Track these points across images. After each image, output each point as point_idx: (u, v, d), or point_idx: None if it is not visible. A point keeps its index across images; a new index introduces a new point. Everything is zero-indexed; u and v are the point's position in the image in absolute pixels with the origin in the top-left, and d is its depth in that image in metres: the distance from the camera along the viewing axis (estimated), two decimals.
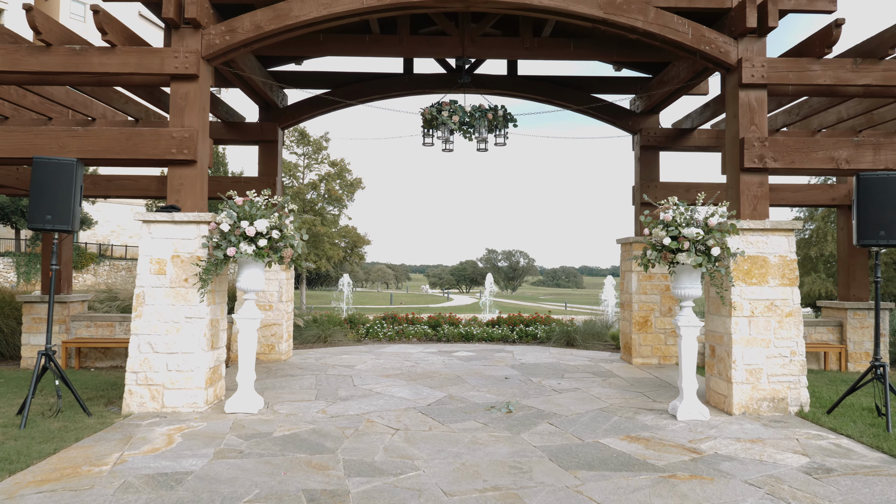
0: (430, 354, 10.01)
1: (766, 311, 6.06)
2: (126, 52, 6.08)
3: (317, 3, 6.17)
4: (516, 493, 3.89)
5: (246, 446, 4.79)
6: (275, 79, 9.34)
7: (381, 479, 4.11)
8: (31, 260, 36.05)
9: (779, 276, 6.09)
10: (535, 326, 12.32)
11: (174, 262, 5.94)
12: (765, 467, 4.43)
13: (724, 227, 5.66)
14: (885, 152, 6.27)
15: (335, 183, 31.77)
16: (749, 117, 6.25)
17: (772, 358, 6.03)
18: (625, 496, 3.85)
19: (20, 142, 6.06)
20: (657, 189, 9.32)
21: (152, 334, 5.86)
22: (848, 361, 9.17)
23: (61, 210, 5.52)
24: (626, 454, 4.72)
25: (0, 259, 35.37)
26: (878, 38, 6.18)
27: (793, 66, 6.24)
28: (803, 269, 26.70)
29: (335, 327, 11.92)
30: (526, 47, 8.12)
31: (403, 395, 6.80)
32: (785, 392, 6.03)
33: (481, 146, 7.97)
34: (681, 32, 6.28)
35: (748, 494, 3.89)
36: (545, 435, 5.24)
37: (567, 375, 8.13)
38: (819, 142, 6.30)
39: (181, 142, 6.02)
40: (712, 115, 9.01)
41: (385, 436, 5.16)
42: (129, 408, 5.82)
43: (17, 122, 8.75)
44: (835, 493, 3.92)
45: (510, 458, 4.61)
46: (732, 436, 5.24)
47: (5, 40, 6.23)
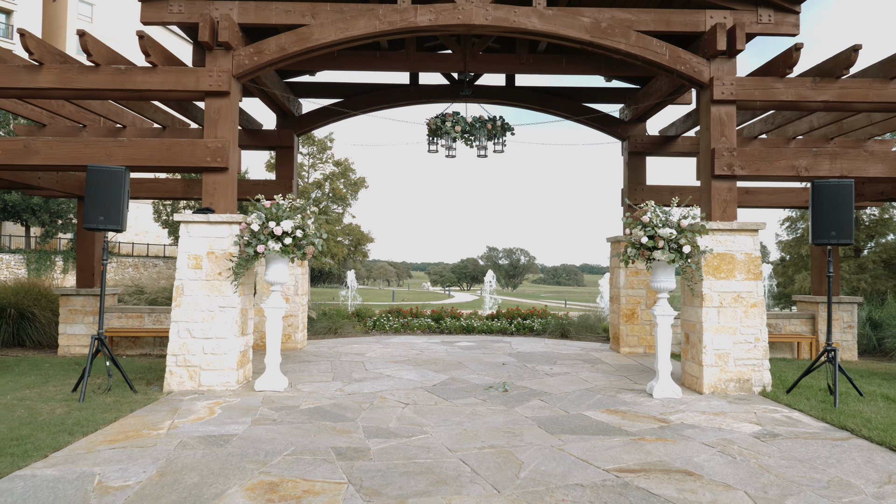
0: (433, 344, 10.80)
1: (734, 302, 6.83)
2: (166, 71, 6.85)
3: (334, 28, 6.94)
4: (509, 450, 4.67)
5: (278, 416, 5.58)
6: (290, 89, 10.10)
7: (395, 440, 4.89)
8: (41, 257, 36.87)
9: (745, 271, 6.86)
10: (532, 320, 13.09)
11: (209, 257, 6.72)
12: (721, 433, 5.20)
13: (694, 228, 6.43)
14: (841, 161, 7.03)
15: (339, 182, 32.53)
16: (720, 130, 7.01)
17: (738, 344, 6.80)
18: (599, 452, 4.63)
19: (73, 151, 6.83)
20: (644, 192, 10.09)
21: (190, 321, 6.64)
22: (819, 351, 9.93)
23: (112, 212, 6.29)
24: (605, 423, 5.50)
25: (11, 255, 36.14)
26: (834, 60, 6.93)
27: (758, 85, 7.00)
28: (795, 266, 27.49)
29: (344, 320, 12.70)
30: (522, 63, 8.88)
31: (411, 377, 7.58)
32: (749, 374, 6.80)
33: (481, 153, 8.74)
34: (659, 54, 7.04)
35: (702, 451, 4.67)
36: (536, 408, 6.02)
37: (559, 362, 8.91)
38: (781, 152, 7.06)
39: (215, 151, 6.80)
40: (694, 124, 9.76)
41: (396, 409, 5.94)
42: (170, 386, 6.60)
43: (54, 130, 9.50)
44: (774, 451, 4.69)
45: (504, 425, 5.39)
46: (699, 410, 6.02)
47: (56, 60, 6.99)
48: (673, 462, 4.42)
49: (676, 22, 7.15)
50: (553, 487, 3.91)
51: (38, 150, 6.82)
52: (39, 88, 6.82)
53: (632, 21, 7.11)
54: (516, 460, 4.43)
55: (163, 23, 6.98)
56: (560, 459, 4.46)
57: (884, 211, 25.67)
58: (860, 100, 7.03)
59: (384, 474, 4.10)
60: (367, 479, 4.00)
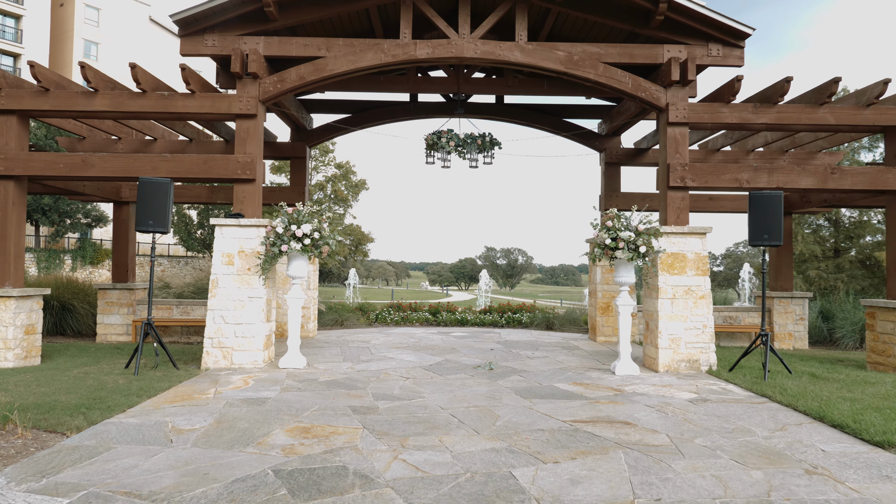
0: (430, 334, 12.00)
1: (685, 295, 8.04)
2: (202, 97, 8.05)
3: (346, 60, 8.14)
4: (489, 408, 5.88)
5: (301, 386, 6.78)
6: (303, 105, 11.30)
7: (398, 402, 6.09)
8: (51, 255, 38.03)
9: (695, 268, 8.07)
10: (521, 314, 14.30)
11: (240, 255, 7.92)
12: (663, 399, 6.41)
13: (650, 231, 7.63)
14: (777, 175, 8.25)
15: (341, 184, 33.71)
16: (675, 147, 8.22)
17: (688, 329, 8.01)
18: (561, 410, 5.83)
19: (124, 164, 8.03)
20: (618, 198, 11.30)
21: (224, 309, 7.84)
22: (774, 340, 11.16)
23: (160, 217, 7.48)
24: (570, 391, 6.70)
25: None
26: (771, 89, 8.14)
27: (707, 109, 8.21)
28: None
29: (349, 313, 13.90)
30: (509, 85, 10.09)
31: (410, 359, 8.79)
32: (698, 355, 8.01)
33: (473, 164, 9.95)
34: (623, 83, 8.25)
35: (642, 410, 5.87)
36: (514, 381, 7.23)
37: (541, 348, 10.12)
38: (727, 167, 8.28)
39: (244, 165, 7.99)
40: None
41: (399, 381, 7.15)
42: (207, 364, 7.79)
43: (92, 142, 10.66)
44: (700, 411, 5.90)
45: (487, 393, 6.59)
46: (651, 383, 7.23)
47: (108, 87, 8.17)
48: (617, 416, 5.63)
49: (639, 55, 8.36)
50: (520, 431, 5.11)
51: (94, 163, 8.01)
52: (94, 111, 8.02)
53: (600, 54, 8.32)
54: (494, 415, 5.64)
55: (199, 55, 8.17)
56: (528, 414, 5.66)
57: (862, 213, 26.90)
58: (794, 122, 8.25)
59: (390, 423, 5.30)
60: (377, 426, 5.20)
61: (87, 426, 5.00)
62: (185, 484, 3.80)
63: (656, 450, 4.63)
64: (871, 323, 8.60)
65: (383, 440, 4.80)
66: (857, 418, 5.39)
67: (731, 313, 11.29)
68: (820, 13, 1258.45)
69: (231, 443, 4.66)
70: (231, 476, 3.95)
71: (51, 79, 7.96)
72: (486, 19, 8.32)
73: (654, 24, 8.19)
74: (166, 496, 3.61)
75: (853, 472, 4.20)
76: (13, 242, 8.01)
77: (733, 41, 8.26)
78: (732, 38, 8.25)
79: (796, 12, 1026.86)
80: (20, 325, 7.92)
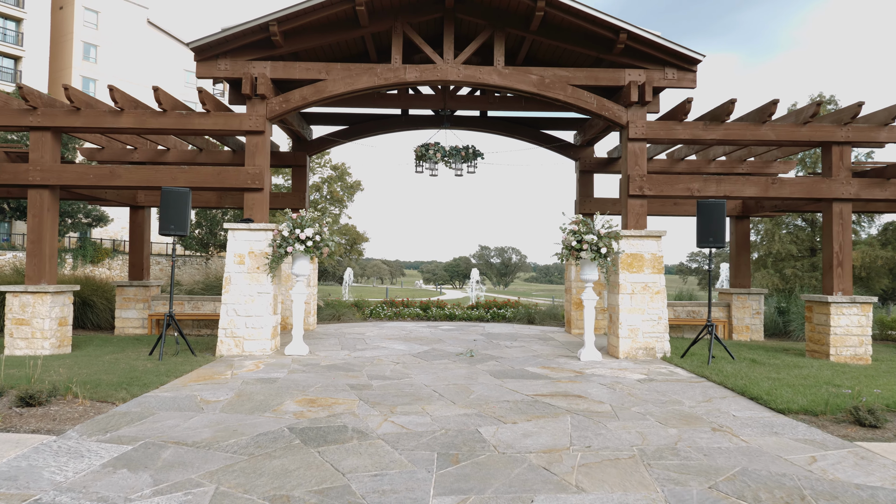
0: (420, 327, 13.07)
1: (642, 290, 9.12)
2: (216, 115, 9.08)
3: (343, 83, 9.18)
4: (466, 385, 6.94)
5: (305, 369, 7.83)
6: (304, 118, 12.33)
7: (389, 381, 7.15)
8: None
9: (651, 267, 9.16)
10: (505, 309, 15.38)
11: (250, 256, 8.95)
12: (616, 379, 7.49)
13: (611, 235, 8.71)
14: (724, 184, 9.34)
15: (336, 185, 34.70)
16: (634, 160, 9.31)
17: (645, 321, 9.10)
18: (526, 387, 6.90)
19: (147, 175, 9.05)
20: (591, 203, 12.39)
21: (236, 303, 8.88)
22: (732, 332, 12.28)
23: (180, 222, 8.51)
24: (537, 373, 7.78)
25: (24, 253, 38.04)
26: (720, 108, 9.23)
27: (663, 127, 9.30)
28: (755, 265, 29.89)
29: (345, 309, 14.94)
30: (490, 102, 11.15)
31: (401, 348, 9.85)
32: (654, 343, 9.10)
33: (458, 174, 11.01)
34: (589, 103, 9.33)
35: (595, 387, 6.95)
36: (491, 365, 8.31)
37: (519, 339, 11.20)
38: (680, 178, 9.37)
39: (254, 176, 9.03)
40: None
41: (390, 365, 8.21)
42: (221, 352, 8.83)
43: (110, 151, 11.65)
44: (644, 388, 6.98)
45: (466, 374, 7.66)
46: (609, 367, 8.32)
47: (131, 106, 9.18)
48: (573, 392, 6.71)
49: (603, 78, 9.43)
50: (489, 402, 6.18)
51: (120, 174, 9.03)
52: (120, 128, 9.03)
53: (569, 77, 9.39)
54: (469, 390, 6.72)
55: (213, 78, 9.20)
56: (498, 390, 6.74)
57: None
58: (740, 138, 9.34)
59: (382, 396, 6.37)
60: (371, 398, 6.26)
61: (131, 398, 6.05)
62: (219, 437, 4.85)
63: (598, 415, 5.72)
64: (809, 315, 9.71)
65: (376, 408, 5.86)
66: (770, 393, 6.48)
67: (695, 308, 12.39)
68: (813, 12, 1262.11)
69: (251, 410, 5.72)
70: (255, 431, 5.00)
71: (81, 99, 8.97)
72: (468, 46, 9.37)
73: (616, 52, 9.26)
74: (207, 444, 4.66)
75: (750, 429, 5.29)
76: (48, 244, 9.02)
77: (686, 66, 9.34)
78: (686, 64, 9.33)
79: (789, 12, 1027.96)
80: (55, 318, 8.94)
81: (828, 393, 6.40)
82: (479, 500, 3.63)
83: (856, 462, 4.46)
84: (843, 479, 4.10)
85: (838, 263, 9.30)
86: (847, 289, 9.25)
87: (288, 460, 4.30)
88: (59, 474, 3.96)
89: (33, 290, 8.77)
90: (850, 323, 9.10)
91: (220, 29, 8.90)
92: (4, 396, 5.68)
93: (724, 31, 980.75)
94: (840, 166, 9.34)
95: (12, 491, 3.67)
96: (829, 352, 9.11)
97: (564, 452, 4.58)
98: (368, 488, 3.79)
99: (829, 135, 9.26)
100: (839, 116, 9.23)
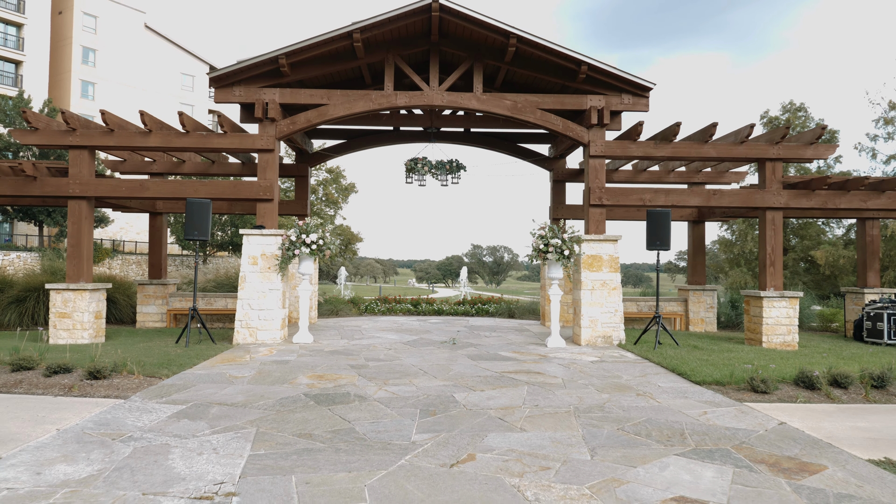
0: (411, 321, 14.50)
1: (601, 287, 10.58)
2: (232, 136, 10.46)
3: (342, 107, 10.59)
4: (447, 365, 8.38)
5: (312, 353, 9.24)
6: (305, 132, 13.72)
7: (383, 362, 8.58)
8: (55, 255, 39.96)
9: (608, 267, 10.61)
10: (489, 305, 16.83)
11: (262, 258, 10.35)
12: (573, 361, 8.94)
13: (573, 239, 10.16)
14: (672, 196, 10.81)
15: (331, 187, 36.06)
16: (594, 174, 10.76)
17: (604, 313, 10.55)
18: (497, 367, 8.34)
19: (173, 188, 10.43)
20: (564, 209, 13.84)
21: (250, 298, 10.27)
22: (689, 324, 13.77)
23: (203, 228, 9.89)
24: (508, 356, 9.23)
25: (28, 253, 39.18)
26: (668, 129, 10.69)
27: (619, 146, 10.76)
28: (730, 264, 31.51)
29: (342, 305, 16.35)
30: (472, 120, 12.59)
31: (393, 337, 11.27)
32: (611, 332, 10.56)
33: (444, 184, 12.45)
34: (556, 124, 10.78)
35: (553, 366, 8.40)
36: (469, 351, 9.75)
37: (498, 331, 12.65)
38: (634, 190, 10.83)
39: (265, 188, 10.43)
40: None
41: (383, 351, 9.64)
42: (237, 340, 10.22)
43: (132, 163, 12.99)
44: (594, 367, 8.43)
45: (448, 357, 9.10)
46: (571, 352, 9.77)
47: (158, 128, 10.54)
48: (534, 370, 8.16)
49: (568, 103, 10.88)
50: (465, 377, 7.61)
51: (149, 187, 10.41)
52: (148, 147, 10.41)
53: (539, 102, 10.83)
54: (449, 369, 8.15)
55: (229, 103, 10.58)
56: (473, 369, 8.18)
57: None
58: (686, 155, 10.82)
59: (377, 372, 7.79)
60: (368, 374, 7.68)
61: (173, 374, 7.45)
62: (251, 400, 6.26)
63: (550, 385, 7.16)
64: (747, 308, 11.20)
65: (372, 381, 7.29)
66: (694, 369, 7.95)
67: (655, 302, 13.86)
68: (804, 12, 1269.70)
69: (272, 382, 7.13)
70: (278, 396, 6.41)
71: (115, 121, 10.33)
72: (451, 75, 10.80)
73: (579, 80, 10.71)
74: (242, 404, 6.07)
75: (667, 395, 6.75)
76: (85, 248, 10.38)
77: (640, 93, 10.80)
78: (640, 91, 10.79)
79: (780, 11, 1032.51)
80: (92, 311, 10.30)
81: (738, 369, 7.88)
82: (448, 436, 5.06)
83: (735, 415, 5.92)
84: (720, 424, 5.56)
85: (770, 263, 10.79)
86: (778, 285, 10.74)
87: (306, 414, 5.72)
88: (138, 422, 5.37)
89: (74, 287, 10.13)
90: (779, 314, 10.59)
91: (235, 61, 10.29)
92: (74, 372, 7.07)
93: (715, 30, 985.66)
94: (772, 179, 10.82)
95: (108, 431, 5.08)
96: (762, 339, 10.59)
97: (517, 409, 6.02)
98: (368, 430, 5.22)
99: (762, 152, 10.74)
100: (771, 136, 10.71)
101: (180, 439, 4.88)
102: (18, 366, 7.03)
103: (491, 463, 4.41)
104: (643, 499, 3.80)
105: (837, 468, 4.43)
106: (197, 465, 4.27)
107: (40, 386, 6.62)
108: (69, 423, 5.28)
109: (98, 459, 4.37)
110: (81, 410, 5.74)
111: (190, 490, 3.83)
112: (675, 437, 5.12)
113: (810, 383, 6.99)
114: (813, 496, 3.89)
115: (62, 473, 4.09)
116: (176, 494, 3.76)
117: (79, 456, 4.44)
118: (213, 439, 4.89)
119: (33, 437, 4.90)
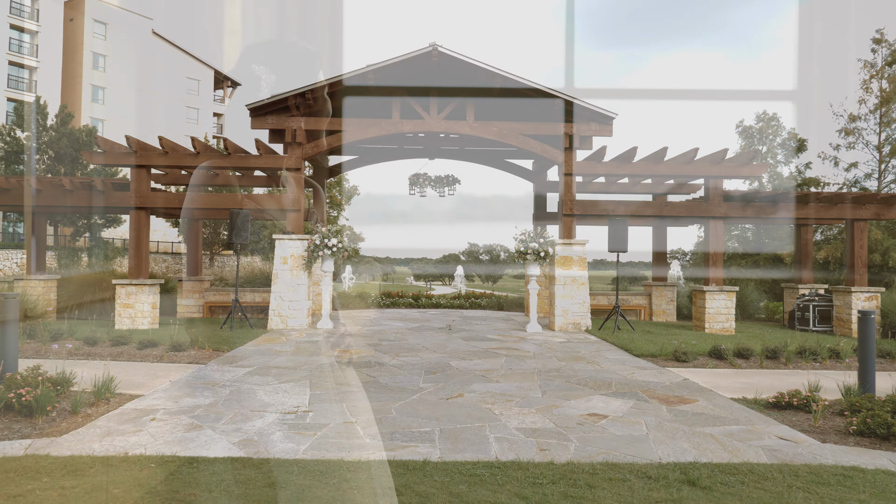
0: (412, 312, 16.70)
1: (572, 283, 12.77)
2: (266, 157, 12.62)
3: (357, 133, 12.76)
4: (444, 344, 10.56)
5: (334, 335, 11.41)
6: None
7: (393, 342, 10.76)
8: (70, 253, 42.06)
9: (577, 265, 12.80)
10: (482, 299, 19.02)
11: (291, 258, 12.51)
12: (545, 341, 11.12)
13: (548, 243, 12.34)
14: (630, 206, 13.00)
15: (335, 190, 38.17)
16: (567, 189, 12.94)
17: (574, 304, 12.74)
18: (484, 344, 10.53)
19: (217, 200, 12.60)
20: (545, 216, 16.04)
21: (282, 292, 12.43)
22: (652, 315, 15.98)
23: (243, 235, 12.05)
24: (493, 338, 11.42)
25: None
26: (628, 152, 12.86)
27: (588, 165, 12.95)
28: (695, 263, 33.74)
29: (351, 299, 18.51)
30: (465, 141, 14.76)
31: (399, 325, 13.46)
32: (580, 320, 12.75)
33: (441, 195, 14.63)
34: (534, 147, 12.97)
35: (528, 344, 10.59)
36: (463, 334, 11.94)
37: (487, 320, 14.85)
38: (601, 202, 13.01)
39: (293, 201, 12.59)
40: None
41: (392, 334, 11.82)
42: (271, 326, 12.38)
43: (172, 176, 15.12)
44: (562, 345, 10.62)
45: (445, 338, 11.28)
46: (545, 335, 11.96)
47: (204, 150, 12.67)
48: (513, 347, 10.35)
49: (545, 129, 13.06)
50: (459, 351, 9.79)
51: (197, 199, 12.56)
52: (195, 166, 12.56)
53: (520, 129, 13.01)
54: (446, 346, 10.34)
55: (263, 129, 12.73)
56: (465, 346, 10.36)
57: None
58: (645, 173, 13.01)
59: (389, 349, 9.97)
60: (382, 349, 9.85)
61: (231, 349, 9.62)
62: (297, 365, 8.43)
63: (523, 357, 9.35)
64: (695, 300, 13.40)
65: (387, 354, 9.47)
66: (637, 346, 10.15)
67: (625, 296, 16.07)
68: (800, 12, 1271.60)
69: (309, 354, 9.31)
70: (317, 363, 8.58)
71: (168, 145, 12.47)
72: (447, 108, 12.96)
73: (554, 110, 12.89)
74: (293, 367, 8.23)
75: (610, 363, 8.95)
76: (144, 250, 12.53)
77: (604, 122, 12.98)
78: (604, 120, 12.97)
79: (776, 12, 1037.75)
80: (150, 303, 12.46)
81: (669, 345, 10.09)
82: (445, 385, 7.25)
83: (655, 374, 8.12)
84: (640, 379, 7.76)
85: (713, 263, 13.00)
86: (718, 281, 12.94)
87: (342, 373, 7.91)
88: (224, 377, 7.54)
89: (135, 282, 12.29)
90: (719, 305, 12.80)
91: (269, 96, 12.44)
92: (159, 346, 9.23)
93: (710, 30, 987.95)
94: (715, 193, 13.02)
95: (207, 381, 7.24)
96: (706, 326, 12.80)
97: (496, 371, 8.22)
98: (388, 381, 7.40)
99: (706, 171, 12.94)
100: (714, 158, 12.90)
101: (259, 386, 7.05)
102: (117, 341, 9.20)
103: (474, 398, 6.61)
104: (568, 415, 5.99)
105: (706, 402, 6.63)
106: (278, 398, 6.45)
107: (137, 356, 8.79)
108: (177, 377, 7.46)
109: (210, 395, 6.55)
110: (179, 370, 7.92)
111: (279, 409, 6.01)
112: (603, 387, 7.32)
113: (720, 355, 9.20)
114: (679, 414, 6.09)
115: (191, 402, 6.26)
116: (272, 411, 5.94)
117: (196, 393, 6.62)
118: (282, 386, 7.07)
119: (155, 385, 7.07)
